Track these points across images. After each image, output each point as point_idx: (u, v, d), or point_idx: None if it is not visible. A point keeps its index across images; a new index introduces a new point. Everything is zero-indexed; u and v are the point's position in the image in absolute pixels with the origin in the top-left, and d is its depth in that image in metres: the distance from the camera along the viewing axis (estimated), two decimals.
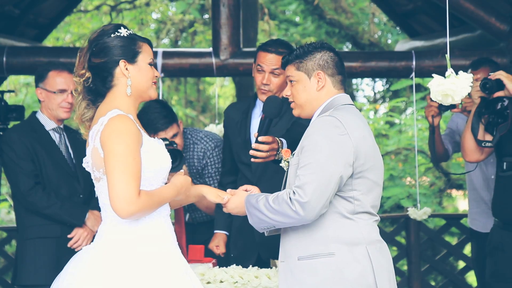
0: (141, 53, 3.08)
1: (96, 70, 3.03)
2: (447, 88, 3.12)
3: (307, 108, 3.34)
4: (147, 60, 3.09)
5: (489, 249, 4.48)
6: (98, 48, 3.04)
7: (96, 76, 3.04)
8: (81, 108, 3.08)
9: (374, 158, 3.23)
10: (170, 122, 4.72)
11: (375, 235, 3.24)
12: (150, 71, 3.10)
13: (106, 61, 3.03)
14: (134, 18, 10.34)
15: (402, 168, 9.66)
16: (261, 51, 4.38)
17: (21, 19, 6.49)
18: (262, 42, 4.56)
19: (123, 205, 2.82)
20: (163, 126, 4.68)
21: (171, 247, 3.06)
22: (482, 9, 5.64)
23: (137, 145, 2.91)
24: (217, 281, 3.81)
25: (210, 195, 3.32)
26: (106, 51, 3.03)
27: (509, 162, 4.34)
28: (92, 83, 3.04)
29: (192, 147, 4.95)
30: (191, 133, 5.01)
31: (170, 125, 4.71)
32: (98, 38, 3.06)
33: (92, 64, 3.04)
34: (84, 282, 2.90)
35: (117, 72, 3.04)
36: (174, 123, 4.75)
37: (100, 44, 3.04)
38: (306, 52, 3.33)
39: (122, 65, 3.03)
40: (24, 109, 5.06)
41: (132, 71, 3.05)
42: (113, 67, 3.03)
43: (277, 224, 3.17)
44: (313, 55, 3.32)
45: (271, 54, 4.32)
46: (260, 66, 4.34)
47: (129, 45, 3.06)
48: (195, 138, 4.97)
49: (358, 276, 3.13)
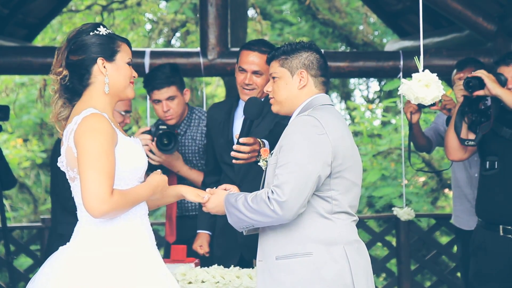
0: (119, 52, 3.08)
1: (74, 67, 3.03)
2: (416, 92, 3.12)
3: (286, 105, 3.34)
4: (125, 60, 3.09)
5: (472, 249, 4.49)
6: (76, 46, 3.03)
7: (73, 74, 3.03)
8: (57, 107, 3.07)
9: (352, 158, 3.23)
10: (168, 83, 4.65)
11: (353, 235, 3.24)
12: (128, 70, 3.10)
13: (83, 59, 3.02)
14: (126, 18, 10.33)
15: (394, 168, 9.66)
16: (244, 50, 4.34)
17: (10, 18, 6.49)
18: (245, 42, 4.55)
19: (95, 204, 2.81)
20: (159, 85, 4.64)
21: (147, 247, 3.04)
22: (469, 9, 5.65)
23: (111, 144, 2.90)
24: (198, 281, 3.80)
25: (190, 194, 3.32)
26: (84, 49, 3.03)
27: (492, 161, 4.36)
28: (69, 81, 3.04)
29: (198, 122, 4.89)
30: (199, 109, 4.96)
31: (166, 86, 4.65)
32: (76, 36, 3.06)
33: (70, 61, 3.03)
34: (58, 283, 2.89)
35: (95, 69, 3.03)
36: (174, 85, 4.68)
37: (78, 41, 3.04)
38: (293, 50, 3.34)
39: (100, 63, 3.03)
40: (9, 109, 5.06)
41: (110, 69, 3.04)
42: (91, 65, 3.03)
43: (256, 224, 3.18)
44: (300, 54, 3.33)
45: (253, 52, 4.28)
46: (242, 67, 4.30)
47: (107, 43, 3.06)
48: (202, 114, 4.91)
49: (335, 276, 3.13)
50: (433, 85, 3.08)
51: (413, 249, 6.95)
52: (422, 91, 3.09)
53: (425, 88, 3.07)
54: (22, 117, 11.00)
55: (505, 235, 4.31)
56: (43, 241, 6.52)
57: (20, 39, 6.82)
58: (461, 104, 4.41)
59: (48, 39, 11.22)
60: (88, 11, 10.50)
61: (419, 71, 3.16)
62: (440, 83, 3.12)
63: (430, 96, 3.10)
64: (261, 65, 4.24)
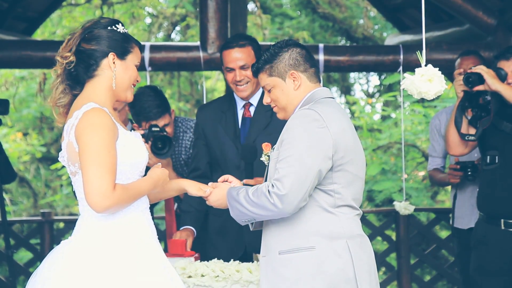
0: (132, 53, 3.09)
1: (83, 55, 3.02)
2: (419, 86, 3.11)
3: (290, 109, 3.32)
4: (134, 62, 3.11)
5: (474, 243, 4.49)
6: (91, 36, 3.04)
7: (80, 62, 3.02)
8: (58, 92, 3.06)
9: (354, 151, 3.22)
10: (163, 111, 4.68)
11: (357, 230, 3.23)
12: (135, 72, 3.12)
13: (96, 49, 3.02)
14: (125, 11, 10.32)
15: (394, 162, 9.66)
16: (224, 50, 4.35)
17: (9, 12, 6.48)
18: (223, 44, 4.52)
19: (97, 199, 2.81)
20: (156, 116, 4.65)
21: (149, 240, 3.05)
22: (469, 3, 5.64)
23: (112, 138, 2.90)
24: (198, 275, 3.79)
25: (192, 188, 3.33)
26: (99, 40, 3.03)
27: (492, 155, 4.35)
28: (74, 68, 3.03)
29: (182, 135, 4.91)
30: (181, 121, 4.97)
31: (162, 115, 4.67)
32: (93, 26, 3.06)
33: (81, 49, 3.03)
34: (61, 276, 2.89)
35: (104, 63, 3.03)
36: (167, 113, 4.71)
37: (94, 32, 3.04)
38: (274, 55, 3.30)
39: (110, 58, 3.03)
40: (8, 103, 5.05)
41: (119, 67, 3.05)
42: (101, 57, 3.03)
43: (257, 217, 3.17)
44: (282, 56, 3.29)
45: (234, 49, 4.29)
46: (228, 67, 4.31)
47: (122, 41, 3.07)
48: (185, 127, 4.93)
49: (338, 270, 3.13)
50: (436, 80, 3.07)
51: (413, 243, 6.95)
52: (425, 86, 3.08)
53: (427, 83, 3.06)
54: (21, 111, 11.00)
55: (507, 229, 4.31)
56: (43, 235, 6.53)
57: (19, 33, 6.81)
58: (461, 99, 4.41)
59: (48, 33, 11.20)
60: (88, 5, 10.49)
61: (422, 65, 3.15)
62: (443, 77, 3.11)
63: (433, 90, 3.09)
64: (245, 58, 4.27)
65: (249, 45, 4.33)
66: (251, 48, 4.32)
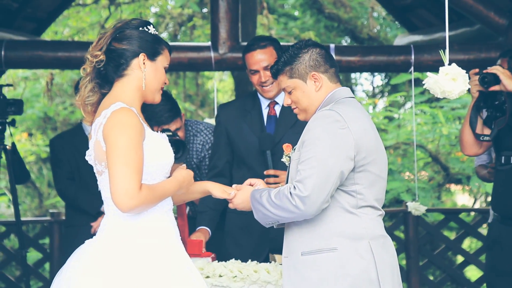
0: (162, 54, 3.10)
1: (113, 55, 3.03)
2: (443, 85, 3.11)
3: (311, 111, 3.30)
4: (164, 64, 3.11)
5: (488, 243, 4.49)
6: (123, 35, 3.04)
7: (110, 61, 3.03)
8: (86, 90, 3.06)
9: (376, 151, 3.20)
10: (174, 116, 4.67)
11: (379, 230, 3.22)
12: (163, 75, 3.12)
13: (127, 49, 3.03)
14: (132, 11, 10.31)
15: (401, 162, 9.66)
16: (246, 53, 4.38)
17: (19, 12, 6.48)
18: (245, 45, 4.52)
19: (124, 199, 2.81)
20: (167, 120, 4.64)
21: (173, 241, 3.05)
22: (481, 4, 5.64)
23: (140, 138, 2.90)
24: (216, 275, 3.80)
25: (216, 190, 3.32)
26: (130, 40, 3.04)
27: (507, 156, 4.35)
28: (104, 67, 3.03)
29: (192, 139, 4.91)
30: (191, 125, 4.97)
31: (174, 119, 4.67)
32: (125, 27, 3.07)
33: (112, 47, 3.03)
34: (86, 275, 2.89)
35: (134, 63, 3.03)
36: (178, 117, 4.70)
37: (126, 32, 3.05)
38: (293, 56, 3.28)
39: (141, 58, 3.03)
40: (23, 103, 5.07)
41: (149, 68, 3.05)
42: (132, 57, 3.03)
43: (280, 219, 3.16)
44: (302, 58, 3.27)
45: (256, 51, 4.32)
46: (252, 69, 4.34)
47: (153, 42, 3.07)
48: (195, 130, 4.93)
49: (360, 272, 3.12)
50: (460, 79, 3.07)
51: (422, 244, 6.95)
52: (449, 85, 3.08)
53: (452, 82, 3.06)
54: (26, 111, 10.99)
55: None
56: (52, 235, 6.52)
57: (29, 33, 6.81)
58: (476, 100, 4.41)
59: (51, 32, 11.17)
60: (95, 5, 10.48)
61: (445, 64, 3.14)
62: (466, 77, 3.12)
63: (457, 90, 3.09)
64: (267, 59, 4.30)
65: (270, 45, 4.35)
66: (273, 48, 4.34)
